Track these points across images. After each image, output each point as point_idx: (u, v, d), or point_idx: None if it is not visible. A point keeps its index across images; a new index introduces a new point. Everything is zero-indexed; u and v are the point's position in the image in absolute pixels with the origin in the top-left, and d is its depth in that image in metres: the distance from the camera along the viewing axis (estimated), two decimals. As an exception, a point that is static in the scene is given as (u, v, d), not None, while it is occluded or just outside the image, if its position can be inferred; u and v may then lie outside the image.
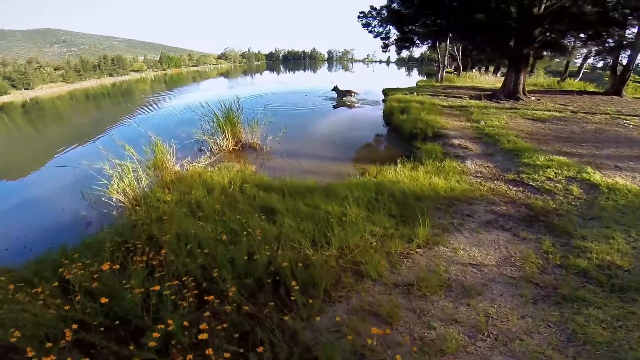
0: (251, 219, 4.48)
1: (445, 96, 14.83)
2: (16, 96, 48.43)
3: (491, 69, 39.45)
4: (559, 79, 24.83)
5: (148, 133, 6.31)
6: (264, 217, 4.55)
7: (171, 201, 5.17)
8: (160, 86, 43.32)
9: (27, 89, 56.73)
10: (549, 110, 12.02)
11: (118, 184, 5.63)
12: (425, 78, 53.02)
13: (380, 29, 20.14)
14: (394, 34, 19.33)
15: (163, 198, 5.38)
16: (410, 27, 16.41)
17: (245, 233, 3.90)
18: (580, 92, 18.95)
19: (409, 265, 3.67)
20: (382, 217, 4.75)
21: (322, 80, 40.68)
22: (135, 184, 5.73)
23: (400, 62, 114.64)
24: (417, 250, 4.02)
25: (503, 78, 33.13)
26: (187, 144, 8.25)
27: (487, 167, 6.76)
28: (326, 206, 4.96)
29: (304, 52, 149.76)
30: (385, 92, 17.90)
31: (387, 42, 20.14)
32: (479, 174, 6.49)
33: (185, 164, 6.77)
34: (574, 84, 23.39)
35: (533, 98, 14.73)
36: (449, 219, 4.79)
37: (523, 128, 9.24)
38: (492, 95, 15.09)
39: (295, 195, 5.42)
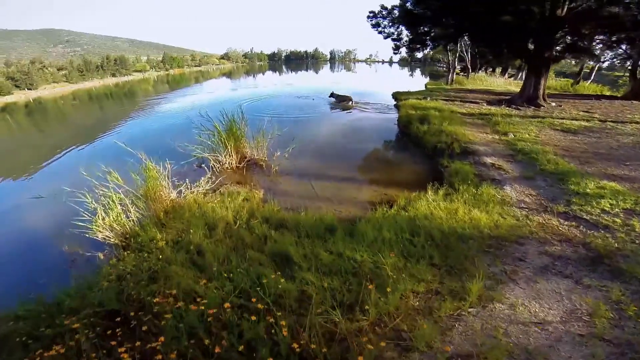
0: (263, 271, 3.59)
1: (461, 102, 13.85)
2: (19, 96, 48.30)
3: (498, 70, 38.43)
4: (572, 81, 23.80)
5: (139, 155, 5.34)
6: (278, 271, 3.63)
7: (167, 246, 4.24)
8: (162, 87, 42.42)
9: (30, 89, 56.71)
10: (576, 119, 11.04)
11: (103, 218, 4.71)
12: (429, 79, 52.17)
13: (392, 30, 19.07)
14: (406, 35, 18.29)
15: (156, 238, 4.46)
16: (424, 28, 15.36)
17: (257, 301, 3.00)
18: (598, 97, 17.94)
19: (462, 330, 3.04)
20: (423, 267, 3.85)
21: (327, 81, 39.85)
22: (124, 218, 4.81)
23: (403, 63, 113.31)
24: (470, 310, 3.26)
25: (512, 79, 32.18)
26: (185, 160, 7.26)
27: (530, 195, 5.82)
28: (352, 252, 4.05)
29: (306, 52, 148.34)
30: (396, 96, 16.93)
31: (398, 43, 19.08)
32: (523, 204, 5.56)
33: (183, 189, 5.84)
34: (588, 87, 22.36)
35: (553, 104, 13.73)
36: (499, 266, 3.96)
37: (556, 142, 8.28)
38: (510, 100, 14.10)
39: (314, 236, 4.50)
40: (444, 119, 9.65)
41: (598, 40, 14.18)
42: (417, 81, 46.26)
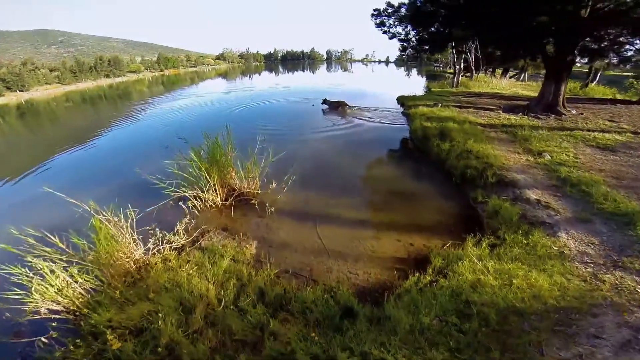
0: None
1: (474, 109, 12.55)
2: (10, 98, 47.01)
3: (498, 71, 37.22)
4: (581, 84, 22.60)
5: (87, 207, 3.94)
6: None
7: (127, 340, 2.91)
8: (154, 89, 40.62)
9: (22, 90, 55.58)
10: (606, 131, 9.79)
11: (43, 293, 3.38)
12: (425, 78, 50.89)
13: (399, 29, 17.56)
14: (413, 35, 16.83)
15: (114, 320, 3.12)
16: (437, 29, 13.98)
17: None
18: (612, 101, 16.77)
19: None
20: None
21: (325, 81, 38.37)
22: (72, 288, 3.48)
23: (400, 62, 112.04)
24: None
25: (514, 80, 30.95)
26: (158, 198, 5.60)
27: (592, 244, 4.54)
28: (382, 353, 2.78)
29: (302, 52, 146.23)
30: (403, 102, 15.54)
31: (405, 44, 17.61)
32: (586, 258, 4.31)
33: (152, 244, 4.48)
34: (597, 90, 21.17)
35: (574, 111, 12.49)
36: (572, 348, 2.96)
37: (600, 165, 6.99)
38: (527, 107, 12.82)
39: (327, 326, 3.19)
40: (466, 133, 8.30)
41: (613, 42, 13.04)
42: (415, 81, 45.03)
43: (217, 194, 5.79)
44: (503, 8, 9.76)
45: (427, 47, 16.19)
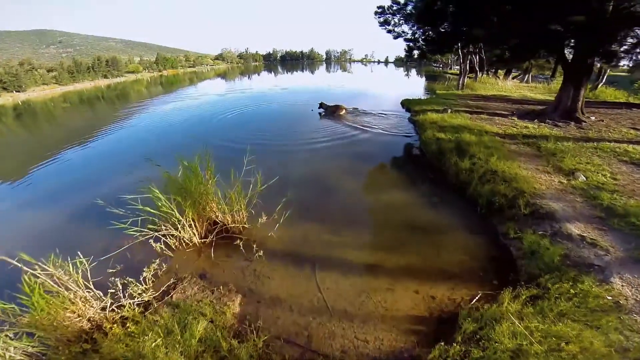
0: None
1: (487, 115, 11.53)
2: (7, 99, 46.32)
3: (500, 72, 36.17)
4: (590, 86, 21.58)
5: (19, 264, 2.95)
6: None
7: None
8: (151, 90, 39.49)
9: (18, 91, 54.94)
10: (635, 142, 8.79)
11: None
12: (424, 78, 49.80)
13: (405, 28, 16.30)
14: (419, 35, 15.65)
15: None
16: (443, 29, 12.91)
17: None
18: (627, 105, 15.81)
19: None
20: None
21: (324, 82, 37.25)
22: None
23: (399, 63, 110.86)
24: None
25: (517, 81, 29.88)
26: (124, 231, 4.26)
27: (653, 293, 3.59)
28: None
29: (302, 52, 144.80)
30: (408, 106, 14.46)
31: (411, 44, 16.42)
32: (647, 311, 3.36)
33: (108, 303, 3.48)
34: (607, 92, 20.16)
35: (593, 118, 11.49)
36: None
37: (643, 186, 5.99)
38: (543, 114, 11.81)
39: None
40: (486, 148, 7.26)
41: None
42: (415, 81, 43.97)
43: (194, 230, 4.73)
44: (521, 6, 8.74)
45: (434, 48, 15.05)
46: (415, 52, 17.68)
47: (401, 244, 4.93)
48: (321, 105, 15.61)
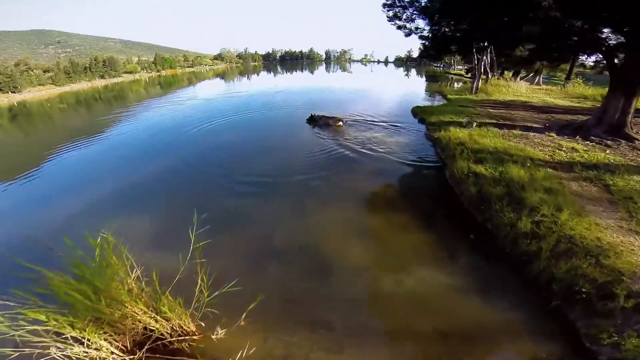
0: None
1: (521, 130, 9.57)
2: (2, 100, 44.91)
3: (507, 73, 34.19)
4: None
5: None
6: None
7: None
8: (143, 92, 37.38)
9: (14, 92, 53.45)
10: None
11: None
12: (425, 79, 47.71)
13: (420, 23, 13.92)
14: (433, 31, 13.46)
15: None
16: (466, 25, 10.88)
17: None
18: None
19: None
20: None
21: (323, 83, 35.07)
22: None
23: (399, 62, 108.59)
24: None
25: (530, 84, 27.76)
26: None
27: None
28: None
29: (301, 52, 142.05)
30: (422, 116, 12.44)
31: (428, 42, 14.22)
32: None
33: None
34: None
35: (643, 132, 9.59)
36: None
37: None
38: (585, 128, 9.89)
39: None
40: (546, 191, 5.32)
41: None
42: (417, 82, 41.96)
43: (113, 345, 2.82)
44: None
45: (455, 47, 12.98)
46: (431, 52, 15.45)
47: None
48: (311, 119, 13.09)
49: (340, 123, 12.06)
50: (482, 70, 18.36)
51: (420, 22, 14.03)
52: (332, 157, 9.14)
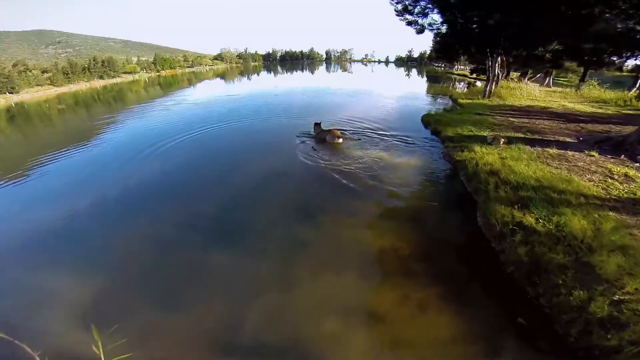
0: None
1: (557, 149, 7.98)
2: None
3: (513, 74, 32.53)
4: (637, 93, 18.00)
5: None
6: None
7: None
8: (139, 94, 35.83)
9: (11, 93, 52.54)
10: None
11: None
12: (427, 79, 46.01)
13: (436, 17, 11.91)
14: (446, 28, 11.57)
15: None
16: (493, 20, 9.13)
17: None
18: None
19: None
20: None
21: (323, 83, 33.37)
22: None
23: (399, 62, 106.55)
24: None
25: (540, 86, 25.96)
26: None
27: None
28: None
29: (301, 52, 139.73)
30: (435, 127, 10.82)
31: (447, 40, 12.20)
32: None
33: None
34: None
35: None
36: None
37: None
38: (623, 143, 8.34)
39: None
40: (619, 250, 3.83)
41: None
42: (418, 82, 40.29)
43: None
44: None
45: (475, 47, 11.16)
46: (447, 52, 13.68)
47: None
48: (318, 127, 10.97)
49: (340, 140, 9.89)
50: (496, 71, 16.72)
51: (436, 17, 12.17)
52: (327, 192, 7.03)
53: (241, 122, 14.29)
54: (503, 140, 7.79)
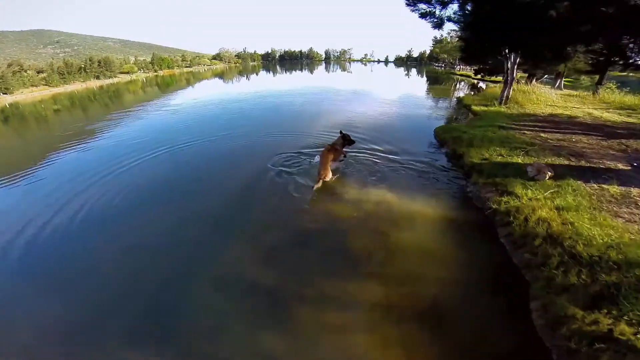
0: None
1: (617, 184, 6.16)
2: None
3: (519, 75, 30.62)
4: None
5: None
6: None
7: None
8: (136, 95, 33.93)
9: (5, 93, 51.40)
10: None
11: None
12: (426, 79, 43.99)
13: (455, 6, 9.73)
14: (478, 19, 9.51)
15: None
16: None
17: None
18: None
19: None
20: None
21: (322, 84, 31.36)
22: None
23: (399, 62, 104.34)
24: None
25: (551, 89, 23.95)
26: None
27: None
28: None
29: (300, 52, 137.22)
30: (453, 147, 8.97)
31: (478, 37, 9.96)
32: None
33: None
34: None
35: None
36: None
37: None
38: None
39: None
40: None
41: None
42: (419, 82, 38.40)
43: None
44: None
45: (517, 42, 8.97)
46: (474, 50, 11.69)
47: None
48: (343, 136, 7.78)
49: (327, 178, 6.63)
50: (515, 74, 14.87)
51: (456, 5, 9.89)
52: (307, 266, 4.43)
53: (231, 137, 11.73)
54: (549, 174, 5.99)
